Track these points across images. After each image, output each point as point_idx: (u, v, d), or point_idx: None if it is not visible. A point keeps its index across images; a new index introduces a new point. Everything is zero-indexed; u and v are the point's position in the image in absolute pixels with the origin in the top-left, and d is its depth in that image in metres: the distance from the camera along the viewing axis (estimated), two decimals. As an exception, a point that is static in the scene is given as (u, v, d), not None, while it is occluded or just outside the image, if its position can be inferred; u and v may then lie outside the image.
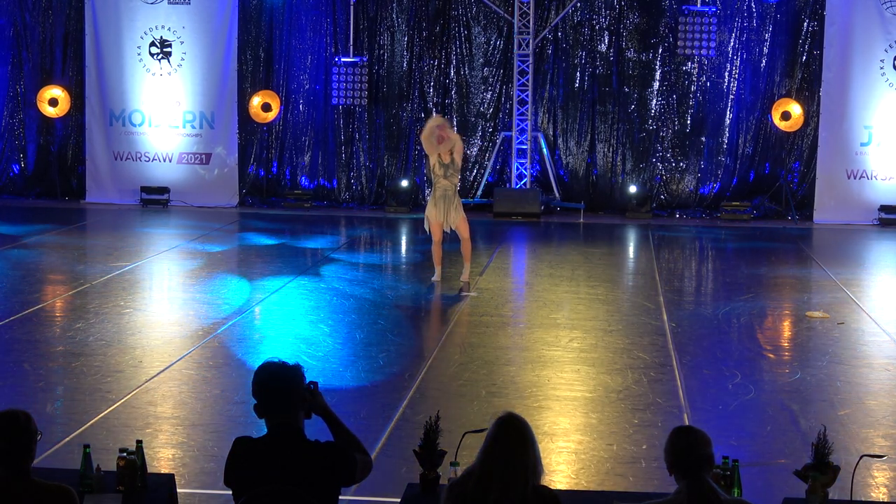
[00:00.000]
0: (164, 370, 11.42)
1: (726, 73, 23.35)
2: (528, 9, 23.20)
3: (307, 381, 5.38)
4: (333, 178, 24.17)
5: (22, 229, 21.04)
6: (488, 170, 23.73)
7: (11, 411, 5.14)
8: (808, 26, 23.03)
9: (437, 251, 16.16)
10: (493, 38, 23.78)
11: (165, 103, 23.75)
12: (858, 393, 11.22)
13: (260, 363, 5.41)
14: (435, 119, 16.23)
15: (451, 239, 16.38)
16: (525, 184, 23.43)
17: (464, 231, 16.05)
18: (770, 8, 23.03)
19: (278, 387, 5.29)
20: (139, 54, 23.69)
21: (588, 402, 10.75)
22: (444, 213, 15.88)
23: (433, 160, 15.76)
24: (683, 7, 22.64)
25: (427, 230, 16.09)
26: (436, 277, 16.24)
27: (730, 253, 19.94)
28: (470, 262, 16.34)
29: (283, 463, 5.20)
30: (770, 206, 23.32)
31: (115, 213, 22.89)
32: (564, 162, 23.91)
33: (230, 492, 5.34)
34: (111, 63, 23.75)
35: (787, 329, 14.51)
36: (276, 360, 5.38)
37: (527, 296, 16.45)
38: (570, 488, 8.16)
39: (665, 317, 14.26)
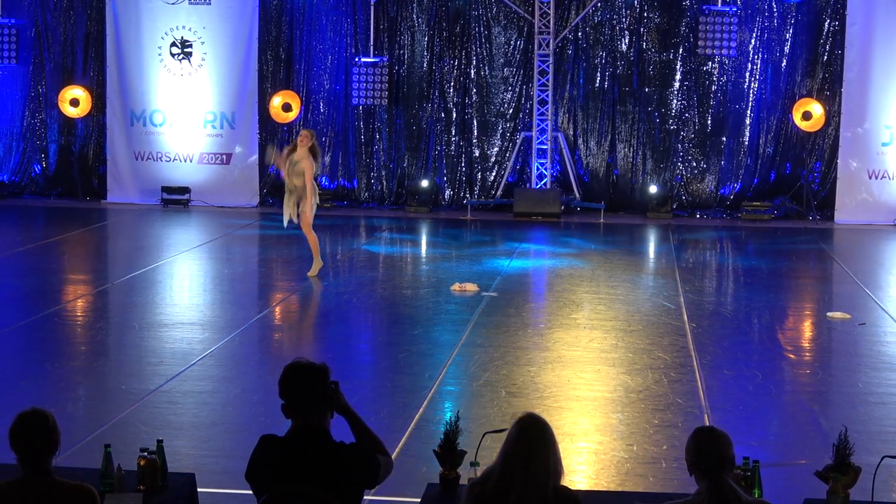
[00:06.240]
0: (184, 370, 11.45)
1: (747, 73, 23.29)
2: (549, 9, 23.18)
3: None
4: (354, 179, 24.18)
5: (43, 229, 21.14)
6: (508, 170, 23.71)
7: (38, 411, 5.15)
8: (829, 26, 22.96)
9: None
10: (513, 39, 23.76)
11: (186, 103, 23.80)
12: (880, 394, 11.18)
13: (288, 363, 5.39)
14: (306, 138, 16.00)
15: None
16: (545, 184, 23.41)
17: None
18: (791, 7, 22.96)
19: (305, 387, 5.28)
20: (160, 54, 23.74)
21: (608, 403, 10.74)
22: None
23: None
24: (704, 7, 22.59)
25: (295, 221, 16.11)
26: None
27: (750, 253, 19.89)
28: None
29: (306, 462, 5.20)
30: (791, 207, 23.26)
31: (136, 213, 22.95)
32: (585, 162, 23.88)
33: (250, 491, 5.34)
34: (132, 63, 23.81)
35: (807, 330, 14.48)
36: (304, 359, 5.37)
37: (547, 296, 16.44)
38: (590, 488, 8.15)
39: (685, 317, 14.24)
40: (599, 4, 23.35)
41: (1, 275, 16.68)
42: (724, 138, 23.41)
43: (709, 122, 23.45)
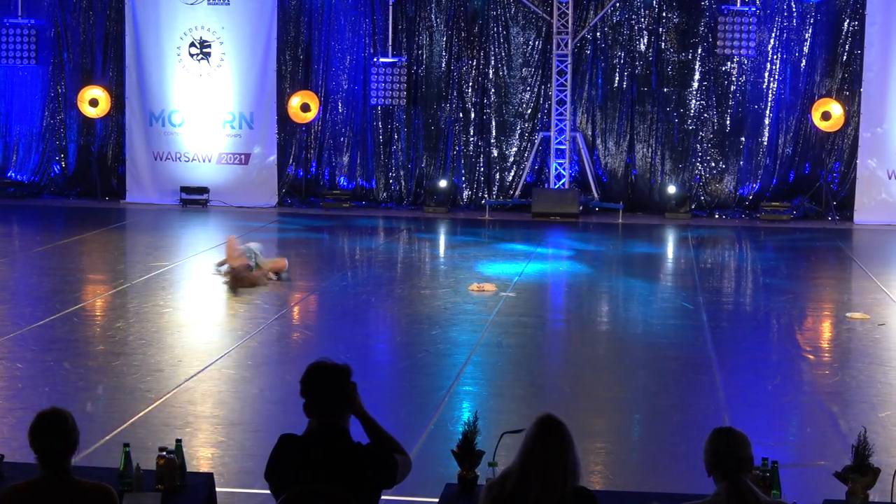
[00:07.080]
0: (203, 369, 11.47)
1: (766, 73, 23.23)
2: (567, 9, 23.16)
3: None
4: (372, 179, 24.19)
5: (62, 229, 21.19)
6: (527, 170, 23.69)
7: (58, 410, 5.15)
8: (848, 26, 22.88)
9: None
10: (531, 39, 23.73)
11: (205, 104, 23.84)
12: (899, 394, 11.14)
13: (311, 362, 5.36)
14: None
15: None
16: (564, 184, 23.39)
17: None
18: (810, 7, 22.89)
19: (327, 386, 5.27)
20: (179, 55, 23.79)
21: (626, 403, 10.72)
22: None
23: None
24: (723, 7, 22.53)
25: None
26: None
27: (769, 253, 19.84)
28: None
29: (326, 462, 5.19)
30: (810, 207, 23.18)
31: (155, 213, 23.00)
32: (603, 162, 23.85)
33: (268, 491, 5.34)
34: (151, 63, 23.87)
35: (827, 330, 14.43)
36: (327, 359, 5.36)
37: (565, 296, 16.43)
38: (608, 489, 8.14)
39: (704, 317, 14.21)
40: (618, 4, 23.31)
41: (20, 274, 16.74)
42: (743, 138, 23.35)
43: (727, 122, 23.39)
